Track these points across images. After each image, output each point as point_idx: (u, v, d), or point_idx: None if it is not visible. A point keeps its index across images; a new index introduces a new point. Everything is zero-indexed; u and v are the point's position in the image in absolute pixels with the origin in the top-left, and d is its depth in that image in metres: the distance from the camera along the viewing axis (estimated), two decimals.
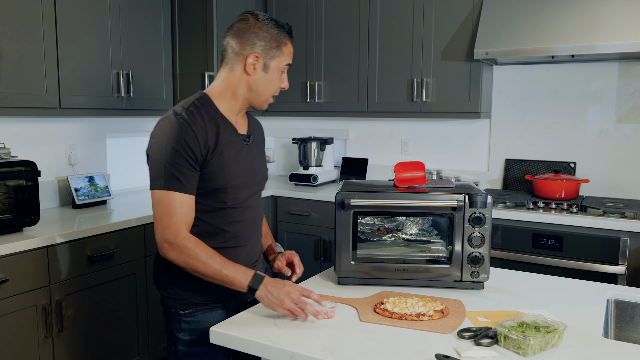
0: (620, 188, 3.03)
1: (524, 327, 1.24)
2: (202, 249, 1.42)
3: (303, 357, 1.19)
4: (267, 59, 1.52)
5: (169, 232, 1.42)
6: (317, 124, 3.99)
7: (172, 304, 1.56)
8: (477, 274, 1.61)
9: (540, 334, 1.20)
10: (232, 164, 1.52)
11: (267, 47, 1.51)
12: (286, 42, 1.55)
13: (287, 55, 1.56)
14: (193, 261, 1.41)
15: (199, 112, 1.48)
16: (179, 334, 1.55)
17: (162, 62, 3.19)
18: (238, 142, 1.56)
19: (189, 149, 1.42)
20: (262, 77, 1.54)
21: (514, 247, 2.74)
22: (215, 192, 1.50)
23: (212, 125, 1.49)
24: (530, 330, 1.22)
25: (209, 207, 1.51)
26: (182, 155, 1.42)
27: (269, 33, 1.52)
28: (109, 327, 2.55)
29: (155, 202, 1.44)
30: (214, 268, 1.41)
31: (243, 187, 1.55)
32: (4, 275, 2.10)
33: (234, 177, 1.52)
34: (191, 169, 1.44)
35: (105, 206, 2.97)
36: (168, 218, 1.42)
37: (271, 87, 1.56)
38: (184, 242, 1.42)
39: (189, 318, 1.55)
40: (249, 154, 1.59)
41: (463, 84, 3.11)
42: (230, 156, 1.52)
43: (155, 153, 1.45)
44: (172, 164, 1.41)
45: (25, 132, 2.80)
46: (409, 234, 1.81)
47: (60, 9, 2.56)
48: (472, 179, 3.46)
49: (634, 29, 2.54)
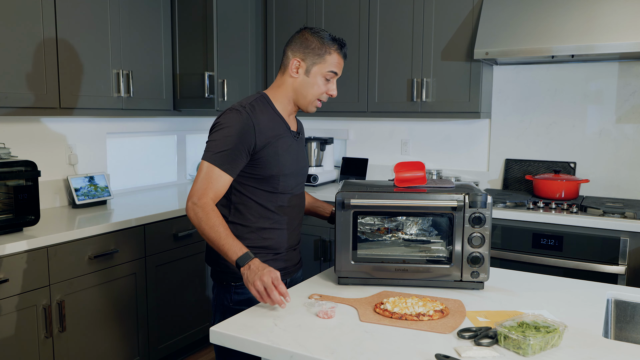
0: (620, 188, 3.03)
1: (524, 327, 1.24)
2: (214, 216, 1.58)
3: (303, 357, 1.19)
4: (310, 64, 1.71)
5: (197, 193, 1.61)
6: (317, 124, 3.99)
7: (223, 277, 1.74)
8: (477, 274, 1.61)
9: (540, 334, 1.20)
10: (285, 155, 1.73)
11: (311, 53, 1.70)
12: (331, 51, 1.71)
13: (331, 64, 1.71)
14: (203, 223, 1.58)
15: (260, 108, 1.70)
16: (230, 304, 1.72)
17: (162, 62, 3.19)
18: (290, 137, 1.77)
19: (244, 137, 1.62)
20: (305, 80, 1.73)
21: (514, 247, 2.74)
22: (270, 178, 1.70)
23: (270, 120, 1.70)
24: (530, 330, 1.22)
25: (264, 190, 1.71)
26: (237, 141, 1.62)
27: (315, 42, 1.71)
28: (109, 327, 2.55)
29: (199, 170, 1.64)
30: (216, 235, 1.56)
31: (292, 176, 1.76)
32: (4, 275, 2.10)
33: (287, 166, 1.73)
34: (241, 155, 1.63)
35: (105, 206, 2.97)
36: (202, 184, 1.61)
37: (314, 91, 1.73)
38: (204, 205, 1.59)
39: (239, 290, 1.71)
40: (298, 148, 1.81)
41: (463, 84, 3.11)
42: (284, 148, 1.72)
43: (218, 132, 1.65)
44: (226, 145, 1.61)
45: (25, 132, 2.80)
46: (409, 234, 1.81)
47: (60, 9, 2.56)
48: (472, 179, 3.46)
49: (634, 29, 2.54)
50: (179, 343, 2.94)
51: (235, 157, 1.63)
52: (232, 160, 1.63)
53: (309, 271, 3.21)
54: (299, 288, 1.64)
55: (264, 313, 1.42)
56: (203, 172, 1.63)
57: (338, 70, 1.75)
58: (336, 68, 1.73)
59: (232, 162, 1.63)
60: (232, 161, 1.63)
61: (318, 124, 3.99)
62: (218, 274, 1.77)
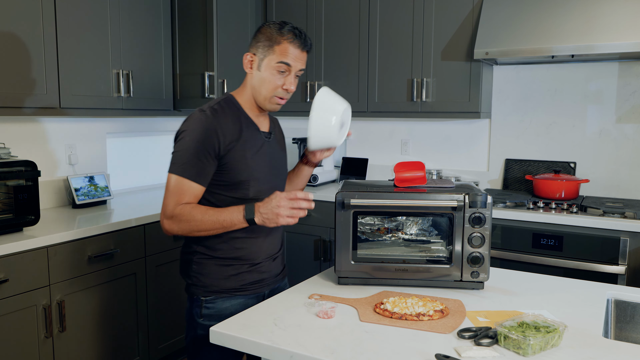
0: (620, 188, 3.03)
1: (524, 327, 1.24)
2: (194, 209, 1.53)
3: (303, 357, 1.19)
4: (261, 57, 1.62)
5: (168, 208, 1.55)
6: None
7: (194, 290, 1.67)
8: (477, 274, 1.61)
9: (540, 334, 1.20)
10: (255, 158, 1.64)
11: (261, 46, 1.61)
12: (280, 41, 1.59)
13: (280, 54, 1.59)
14: (192, 223, 1.53)
15: (223, 110, 1.62)
16: (199, 319, 1.64)
17: (162, 62, 3.19)
18: (260, 139, 1.68)
19: (209, 143, 1.55)
20: (257, 75, 1.64)
21: (514, 247, 2.74)
22: (239, 184, 1.62)
23: (235, 122, 1.62)
24: (530, 330, 1.22)
25: (233, 198, 1.62)
26: (200, 148, 1.54)
27: (265, 34, 1.62)
28: (109, 327, 2.55)
29: (167, 184, 1.58)
30: (211, 220, 1.52)
31: (265, 181, 1.67)
32: (4, 275, 2.10)
33: (256, 170, 1.64)
34: (208, 162, 1.56)
35: (105, 206, 2.97)
36: (173, 198, 1.55)
37: (267, 86, 1.62)
38: (178, 210, 1.54)
39: (210, 304, 1.64)
40: (271, 149, 1.73)
41: (463, 84, 3.11)
42: (253, 151, 1.64)
43: (180, 142, 1.58)
44: (190, 154, 1.54)
45: (25, 132, 2.80)
46: (409, 234, 1.81)
47: (60, 9, 2.56)
48: (472, 179, 3.46)
49: (634, 29, 2.54)
50: (179, 343, 2.94)
51: (202, 164, 1.55)
52: (200, 169, 1.55)
53: (309, 271, 3.21)
54: (299, 288, 1.64)
55: (264, 313, 1.42)
56: (171, 186, 1.56)
57: (291, 60, 1.60)
58: (287, 59, 1.60)
59: (200, 170, 1.55)
60: (199, 170, 1.55)
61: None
62: (189, 287, 1.69)
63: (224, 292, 1.64)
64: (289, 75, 1.63)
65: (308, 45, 1.65)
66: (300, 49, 1.62)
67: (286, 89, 1.64)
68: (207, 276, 1.65)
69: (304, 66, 1.67)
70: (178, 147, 1.58)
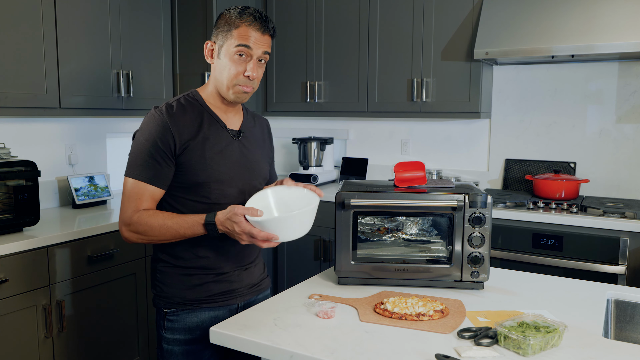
0: (620, 188, 3.03)
1: (524, 327, 1.24)
2: (152, 217, 1.44)
3: (303, 357, 1.19)
4: (220, 44, 1.52)
5: (126, 215, 1.47)
6: (317, 124, 3.99)
7: (157, 302, 1.59)
8: (477, 274, 1.61)
9: (540, 334, 1.20)
10: (216, 159, 1.52)
11: (219, 32, 1.52)
12: (239, 24, 1.49)
13: (237, 37, 1.48)
14: (149, 232, 1.45)
15: (181, 107, 1.52)
16: (163, 332, 1.57)
17: (162, 62, 3.20)
18: (225, 137, 1.56)
19: (161, 141, 1.46)
20: (218, 63, 1.53)
21: (514, 247, 2.74)
22: (198, 186, 1.51)
23: (194, 119, 1.52)
24: (530, 330, 1.22)
25: (193, 201, 1.52)
26: (154, 148, 1.46)
27: (224, 19, 1.52)
28: (109, 327, 2.55)
29: (123, 189, 1.50)
30: (171, 231, 1.44)
31: (230, 183, 1.55)
32: (4, 275, 2.10)
33: (218, 172, 1.52)
34: (165, 162, 1.47)
35: (105, 206, 2.97)
36: (130, 203, 1.47)
37: (228, 73, 1.50)
38: (136, 218, 1.45)
39: (172, 317, 1.56)
40: (241, 150, 1.58)
41: (463, 84, 3.11)
42: (214, 150, 1.52)
43: (134, 143, 1.50)
44: (144, 155, 1.46)
45: (25, 132, 2.80)
46: (409, 234, 1.81)
47: (60, 9, 2.56)
48: (472, 179, 3.46)
49: (634, 29, 2.54)
50: None
51: (158, 166, 1.46)
52: (156, 170, 1.46)
53: (309, 271, 3.21)
54: (299, 288, 1.64)
55: (264, 313, 1.42)
56: (127, 190, 1.47)
57: (250, 42, 1.48)
58: (245, 41, 1.48)
59: (156, 172, 1.46)
60: (155, 171, 1.46)
61: (318, 124, 3.99)
62: (154, 299, 1.60)
63: (188, 303, 1.55)
64: (250, 60, 1.50)
65: (270, 27, 1.52)
66: (260, 32, 1.50)
67: (247, 76, 1.50)
68: (170, 286, 1.56)
69: (268, 49, 1.54)
70: (133, 149, 1.49)
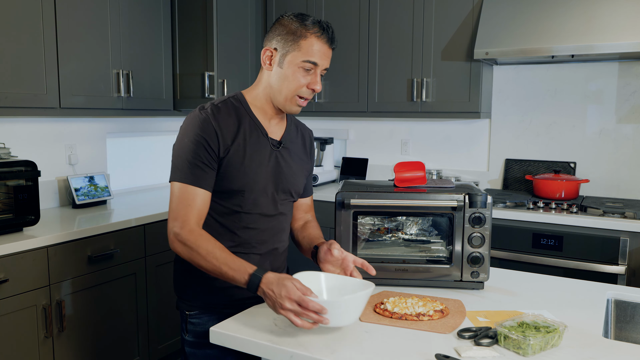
0: (620, 188, 3.03)
1: (524, 327, 1.24)
2: (204, 242, 1.38)
3: (303, 357, 1.19)
4: (283, 52, 1.44)
5: (177, 223, 1.41)
6: (317, 124, 3.99)
7: (180, 304, 1.57)
8: (477, 274, 1.61)
9: (540, 334, 1.20)
10: (253, 167, 1.47)
11: (282, 40, 1.44)
12: (307, 35, 1.42)
13: (307, 51, 1.42)
14: (195, 255, 1.38)
15: (227, 109, 1.47)
16: (185, 335, 1.55)
17: (162, 62, 3.19)
18: (266, 147, 1.50)
19: (207, 143, 1.42)
20: (277, 72, 1.46)
21: (514, 247, 2.74)
22: (232, 193, 1.47)
23: (236, 124, 1.47)
24: (530, 330, 1.22)
25: (224, 207, 1.49)
26: (200, 149, 1.41)
27: (287, 27, 1.44)
28: (109, 327, 2.55)
29: (171, 194, 1.46)
30: (213, 264, 1.35)
31: (263, 194, 1.50)
32: (4, 275, 2.10)
33: (253, 180, 1.47)
34: (208, 164, 1.42)
35: (105, 206, 2.97)
36: (178, 210, 1.42)
37: (289, 85, 1.45)
38: (188, 235, 1.39)
39: (195, 320, 1.53)
40: (278, 161, 1.53)
41: (463, 84, 3.11)
42: (253, 159, 1.47)
43: (177, 145, 1.46)
44: (190, 158, 1.42)
45: (25, 132, 2.80)
46: (409, 234, 1.81)
47: (60, 9, 2.56)
48: (472, 179, 3.46)
49: (634, 29, 2.54)
50: (179, 343, 2.94)
51: (204, 168, 1.42)
52: (202, 172, 1.42)
53: None
54: None
55: (264, 313, 1.42)
56: (175, 195, 1.43)
57: (318, 59, 1.44)
58: (315, 57, 1.43)
59: (203, 174, 1.42)
60: (201, 173, 1.42)
61: (318, 124, 3.99)
62: (177, 301, 1.59)
63: (210, 307, 1.52)
64: (315, 73, 1.46)
65: (335, 41, 1.48)
66: (327, 45, 1.46)
67: (312, 88, 1.46)
68: (192, 289, 1.54)
69: (329, 65, 1.49)
70: (177, 151, 1.45)
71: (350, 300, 1.22)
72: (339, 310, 1.21)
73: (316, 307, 1.20)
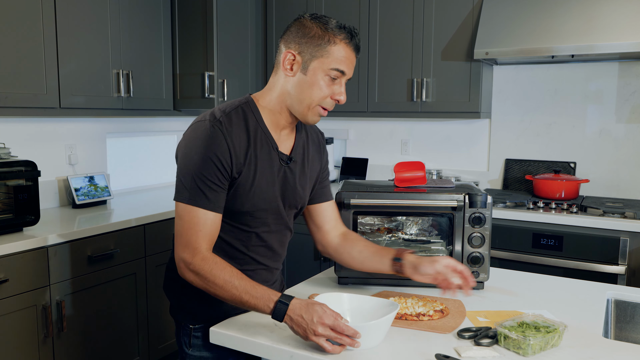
0: (620, 188, 3.03)
1: (524, 327, 1.24)
2: (220, 272, 1.26)
3: (303, 357, 1.18)
4: (308, 57, 1.32)
5: (187, 251, 1.29)
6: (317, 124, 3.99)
7: (181, 317, 1.46)
8: (477, 274, 1.61)
9: (540, 334, 1.20)
10: (264, 187, 1.36)
11: (309, 44, 1.31)
12: (336, 41, 1.31)
13: (336, 58, 1.31)
14: (210, 285, 1.27)
15: (239, 120, 1.33)
16: (188, 350, 1.44)
17: (162, 62, 3.19)
18: (275, 162, 1.39)
19: (219, 162, 1.28)
20: (301, 79, 1.33)
21: (514, 247, 2.74)
22: (242, 214, 1.36)
23: (247, 139, 1.33)
24: (530, 330, 1.22)
25: (232, 227, 1.39)
26: (211, 168, 1.28)
27: (315, 29, 1.32)
28: (109, 327, 2.55)
29: (177, 216, 1.32)
30: (233, 294, 1.25)
31: (273, 212, 1.41)
32: (4, 275, 2.10)
33: (263, 200, 1.37)
34: (219, 185, 1.30)
35: (105, 206, 2.97)
36: (188, 236, 1.29)
37: (312, 93, 1.33)
38: (201, 264, 1.27)
39: (199, 333, 1.43)
40: (287, 175, 1.42)
41: (463, 84, 3.11)
42: (263, 178, 1.36)
43: (184, 160, 1.31)
44: (200, 177, 1.28)
45: (25, 132, 2.80)
46: (409, 234, 1.81)
47: (60, 9, 2.56)
48: (472, 179, 3.46)
49: (634, 29, 2.54)
50: None
51: (215, 189, 1.29)
52: (213, 194, 1.29)
53: (309, 271, 3.21)
54: (299, 288, 1.64)
55: None
56: (183, 219, 1.29)
57: (346, 67, 1.33)
58: (344, 65, 1.32)
59: (213, 195, 1.29)
60: (212, 195, 1.29)
61: (318, 124, 3.98)
62: (175, 310, 1.47)
63: (217, 319, 1.37)
64: (340, 83, 1.35)
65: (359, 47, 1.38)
66: (355, 53, 1.35)
67: (337, 100, 1.35)
68: (198, 300, 1.42)
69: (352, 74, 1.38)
70: (183, 168, 1.30)
71: (381, 323, 1.20)
72: (370, 333, 1.20)
73: (350, 331, 1.15)
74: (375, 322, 1.19)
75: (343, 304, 1.33)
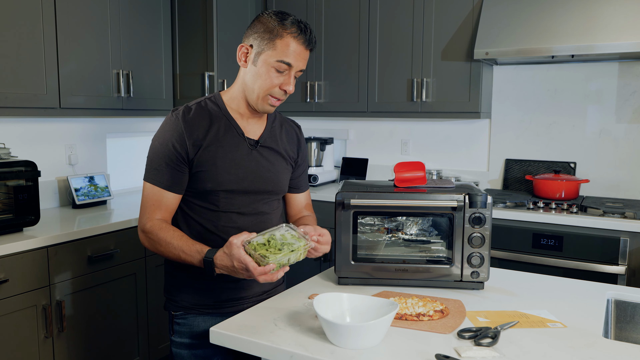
0: (620, 188, 3.03)
1: (270, 244, 1.34)
2: (163, 233, 1.43)
3: (303, 357, 1.19)
4: (258, 50, 1.44)
5: (142, 220, 1.48)
6: (317, 124, 3.99)
7: (167, 305, 1.61)
8: (477, 274, 1.61)
9: (280, 253, 1.31)
10: (227, 167, 1.47)
11: (259, 38, 1.43)
12: (283, 35, 1.41)
13: (281, 51, 1.41)
14: (157, 245, 1.44)
15: (199, 111, 1.49)
16: (171, 336, 1.59)
17: (162, 62, 3.20)
18: (241, 146, 1.51)
19: (174, 146, 1.44)
20: (252, 70, 1.45)
21: (514, 247, 2.74)
22: (207, 193, 1.49)
23: (210, 125, 1.48)
24: (274, 249, 1.32)
25: (201, 207, 1.51)
26: (168, 152, 1.44)
27: (265, 25, 1.43)
28: (109, 327, 2.55)
29: (142, 191, 1.50)
30: (173, 252, 1.42)
31: (241, 193, 1.51)
32: (4, 275, 2.10)
33: (228, 180, 1.48)
34: (179, 167, 1.45)
35: (105, 206, 2.97)
36: (145, 207, 1.48)
37: (261, 84, 1.44)
38: (150, 228, 1.45)
39: (180, 320, 1.56)
40: (257, 160, 1.53)
41: (463, 84, 3.11)
42: (226, 159, 1.48)
43: (150, 146, 1.49)
44: (158, 158, 1.45)
45: (25, 132, 2.80)
46: (409, 234, 1.81)
47: (60, 9, 2.56)
48: (472, 179, 3.46)
49: (634, 29, 2.54)
50: None
51: (173, 171, 1.45)
52: (171, 176, 1.45)
53: (309, 271, 3.21)
54: (299, 288, 1.64)
55: (264, 313, 1.42)
56: (145, 195, 1.48)
57: (292, 60, 1.42)
58: (289, 57, 1.41)
59: (172, 177, 1.45)
60: (171, 177, 1.45)
61: (318, 124, 3.99)
62: (165, 302, 1.62)
63: (194, 307, 1.55)
64: (289, 74, 1.45)
65: (313, 42, 1.46)
66: (304, 46, 1.43)
67: (284, 89, 1.46)
68: (178, 289, 1.57)
69: (305, 66, 1.47)
70: (149, 153, 1.49)
71: (380, 323, 1.20)
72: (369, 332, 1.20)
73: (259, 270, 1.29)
74: (374, 322, 1.19)
75: (343, 304, 1.34)
